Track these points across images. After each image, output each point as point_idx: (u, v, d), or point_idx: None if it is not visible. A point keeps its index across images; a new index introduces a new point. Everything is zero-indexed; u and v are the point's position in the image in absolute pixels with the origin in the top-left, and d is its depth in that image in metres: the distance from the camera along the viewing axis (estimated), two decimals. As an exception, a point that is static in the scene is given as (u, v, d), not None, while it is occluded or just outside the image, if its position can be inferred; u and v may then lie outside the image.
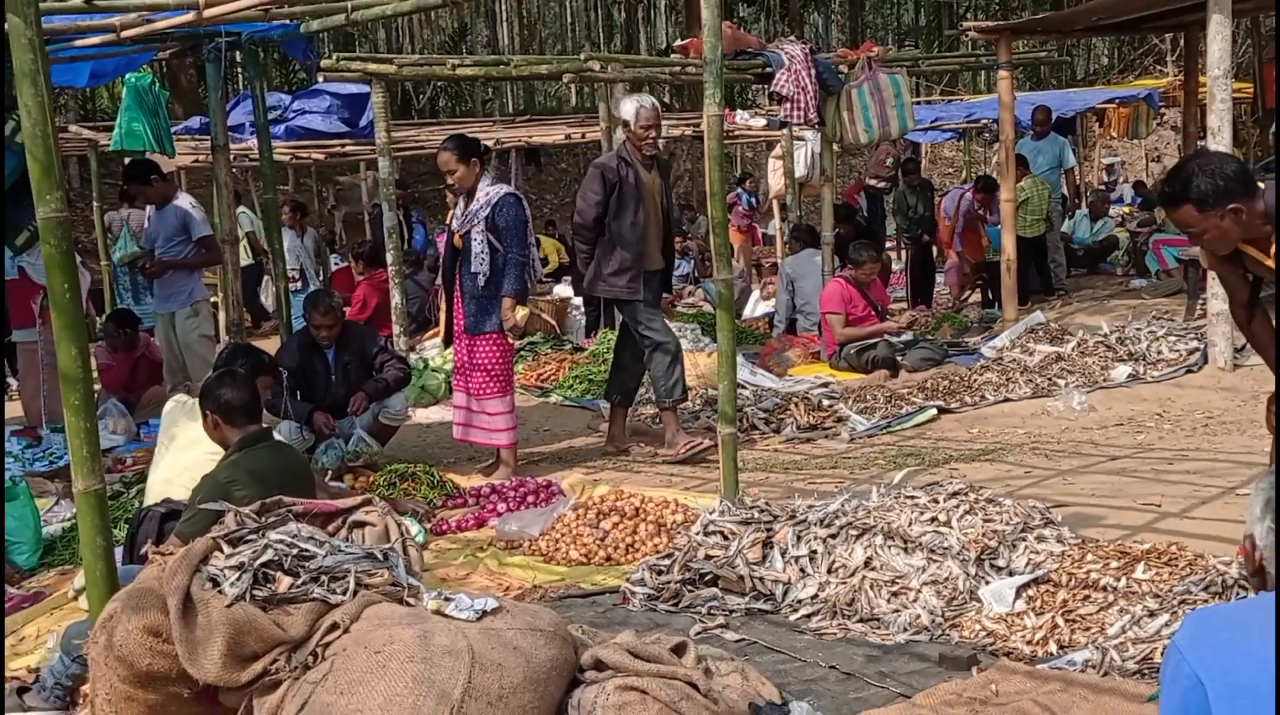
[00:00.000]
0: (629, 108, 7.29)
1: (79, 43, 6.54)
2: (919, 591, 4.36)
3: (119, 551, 4.50)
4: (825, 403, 8.12)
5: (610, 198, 7.13)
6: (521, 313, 6.81)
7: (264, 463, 4.66)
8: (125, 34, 6.23)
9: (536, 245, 7.94)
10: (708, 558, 4.80)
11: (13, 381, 9.78)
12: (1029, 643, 3.98)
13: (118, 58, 7.46)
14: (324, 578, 3.50)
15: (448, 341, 7.63)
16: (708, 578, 4.71)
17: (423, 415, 8.83)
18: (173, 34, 6.71)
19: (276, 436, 5.52)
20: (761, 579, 4.62)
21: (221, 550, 3.49)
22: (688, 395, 7.59)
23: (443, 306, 7.36)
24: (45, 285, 3.80)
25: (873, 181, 15.71)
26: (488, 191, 6.75)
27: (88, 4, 5.80)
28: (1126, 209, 18.58)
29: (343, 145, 15.20)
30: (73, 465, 3.82)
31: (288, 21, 7.01)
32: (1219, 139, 8.36)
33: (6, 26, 3.82)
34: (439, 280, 8.45)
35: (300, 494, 4.23)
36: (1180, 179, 4.03)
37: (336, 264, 16.02)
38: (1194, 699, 2.00)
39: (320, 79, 11.69)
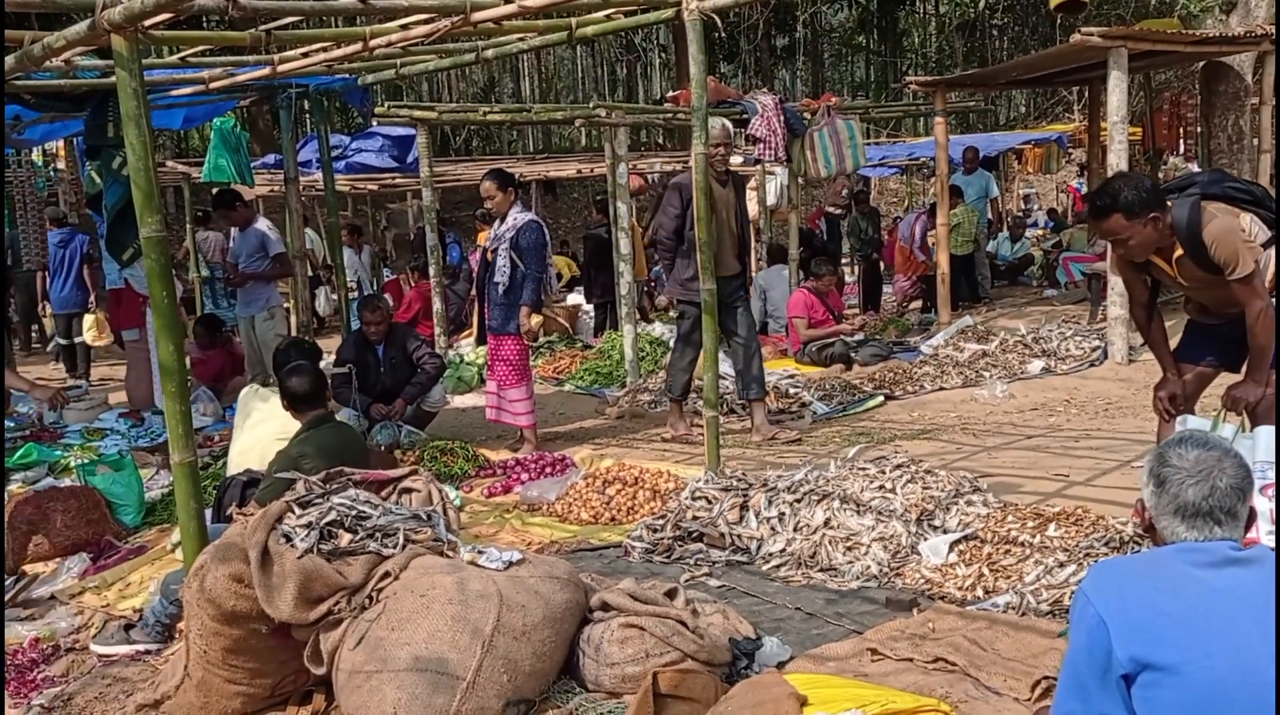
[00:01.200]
0: None
1: (174, 92, 6.51)
2: (869, 546, 4.36)
3: (208, 512, 4.51)
4: (791, 391, 8.10)
5: (687, 211, 6.63)
6: (536, 319, 6.80)
7: (328, 440, 4.66)
8: (213, 85, 6.21)
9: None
10: (695, 518, 4.81)
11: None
12: (960, 589, 3.99)
13: (206, 105, 7.42)
14: (378, 534, 3.50)
15: (480, 340, 7.63)
16: (695, 535, 4.72)
17: (459, 401, 8.82)
18: (252, 85, 6.69)
19: (339, 418, 5.51)
20: (739, 536, 4.62)
21: (293, 511, 3.49)
22: (685, 395, 7.24)
23: (475, 311, 7.34)
24: (147, 294, 3.79)
25: (831, 209, 15.71)
26: (515, 217, 6.74)
27: (182, 60, 5.78)
28: (1040, 232, 18.57)
29: (393, 178, 15.15)
30: (170, 441, 3.82)
31: (348, 75, 6.99)
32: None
33: (115, 78, 3.82)
34: (474, 290, 8.45)
35: (358, 466, 4.23)
36: (1109, 193, 4.02)
37: (387, 276, 16.00)
38: (1098, 635, 2.01)
39: (374, 123, 11.68)
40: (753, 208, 15.40)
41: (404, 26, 5.01)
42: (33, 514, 5.31)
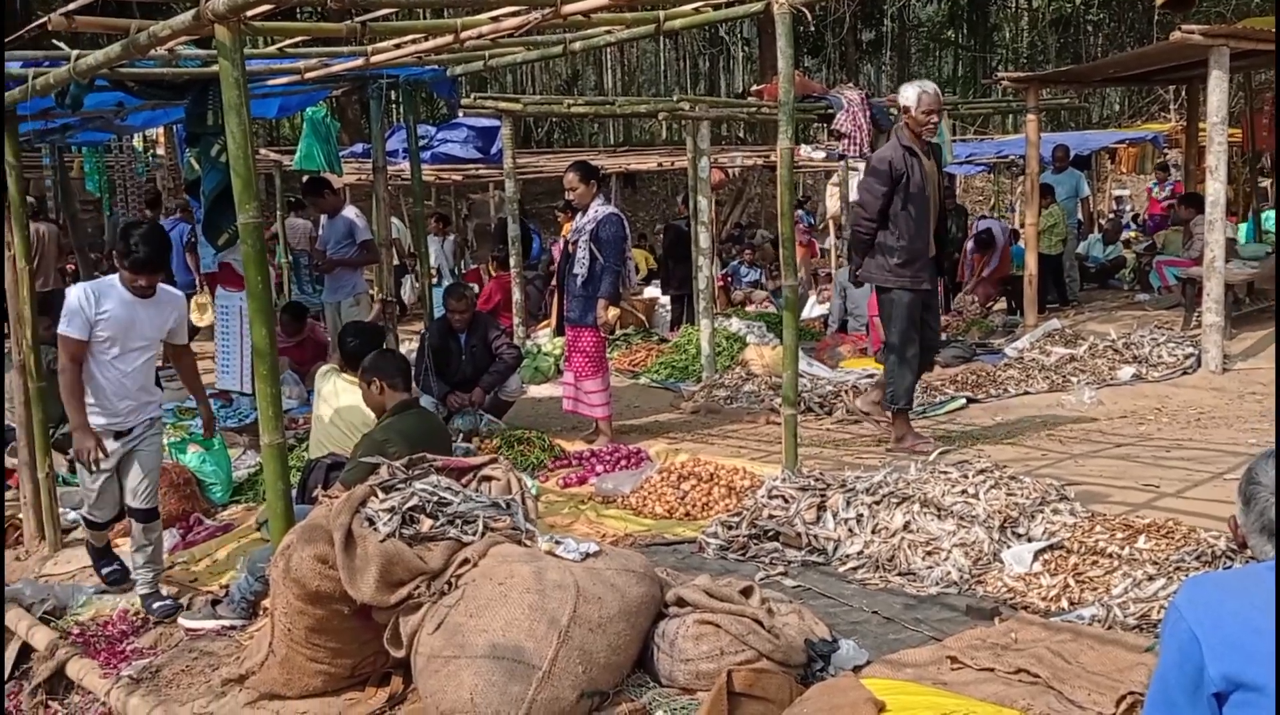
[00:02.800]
0: (910, 93, 6.15)
1: (271, 82, 6.65)
2: (949, 552, 4.29)
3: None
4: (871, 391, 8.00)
5: (894, 189, 6.05)
6: (613, 312, 6.82)
7: (412, 426, 4.72)
8: (308, 75, 6.33)
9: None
10: (771, 517, 4.78)
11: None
12: (1044, 599, 3.91)
13: (301, 94, 7.57)
14: (458, 521, 3.55)
15: (558, 331, 7.68)
16: (770, 533, 4.69)
17: (536, 391, 8.89)
18: (345, 76, 6.80)
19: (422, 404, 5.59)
20: (816, 536, 4.58)
21: (377, 496, 3.55)
22: (912, 403, 6.48)
23: (555, 302, 7.38)
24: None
25: (914, 206, 15.46)
26: (597, 209, 6.77)
27: (280, 51, 5.91)
28: (1133, 234, 18.07)
29: (476, 168, 15.32)
30: (260, 422, 3.91)
31: (437, 66, 7.07)
32: (1216, 176, 8.11)
33: (216, 68, 3.91)
34: (553, 281, 8.50)
35: (440, 452, 4.29)
36: None
37: (468, 266, 16.19)
38: (1190, 651, 1.95)
39: (460, 114, 11.79)
40: (834, 204, 15.28)
41: (494, 19, 5.05)
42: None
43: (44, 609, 4.79)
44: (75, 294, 4.60)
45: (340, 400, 5.67)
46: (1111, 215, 20.61)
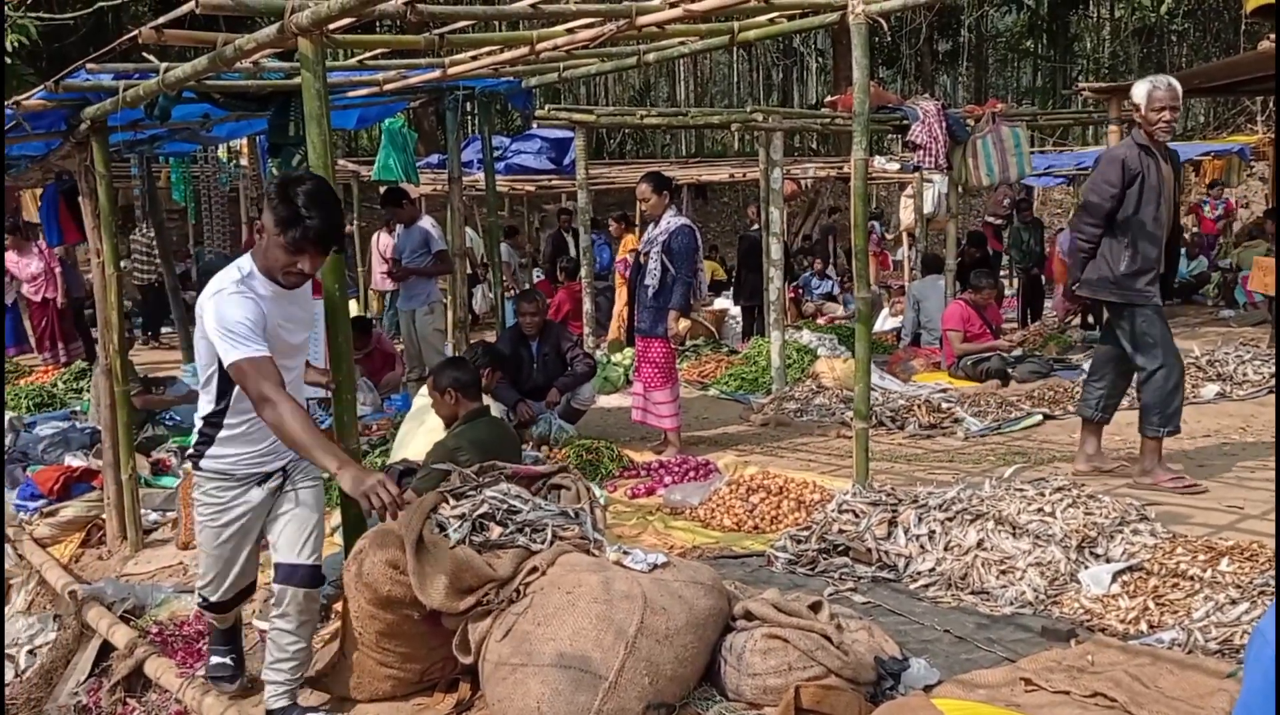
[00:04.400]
0: (1140, 90, 5.59)
1: (350, 94, 6.78)
2: (1025, 571, 4.20)
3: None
4: (944, 406, 7.89)
5: (1128, 191, 5.50)
6: (684, 324, 6.81)
7: (483, 433, 4.77)
8: (387, 87, 6.44)
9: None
10: (841, 532, 4.72)
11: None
12: (1122, 621, 3.80)
13: (379, 106, 7.70)
14: (527, 529, 3.56)
15: (629, 341, 7.69)
16: (840, 548, 4.63)
17: (605, 401, 8.90)
18: (422, 87, 6.91)
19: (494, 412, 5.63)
20: (887, 552, 4.52)
21: (448, 502, 3.57)
22: (1180, 428, 5.77)
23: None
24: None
25: (991, 219, 15.23)
26: (669, 220, 6.78)
27: (360, 63, 6.02)
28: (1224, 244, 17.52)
29: (549, 179, 15.45)
30: (335, 429, 3.97)
31: (511, 78, 7.15)
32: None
33: (298, 80, 3.99)
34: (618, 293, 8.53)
35: (511, 460, 4.31)
36: None
37: (537, 276, 16.32)
38: (1276, 679, 1.88)
39: (534, 125, 11.92)
40: (908, 216, 15.11)
41: (570, 30, 5.09)
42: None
43: (124, 607, 4.90)
44: (231, 297, 3.28)
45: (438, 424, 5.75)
46: (1196, 230, 20.06)
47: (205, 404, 3.52)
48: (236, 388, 3.34)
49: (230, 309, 3.26)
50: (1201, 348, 9.01)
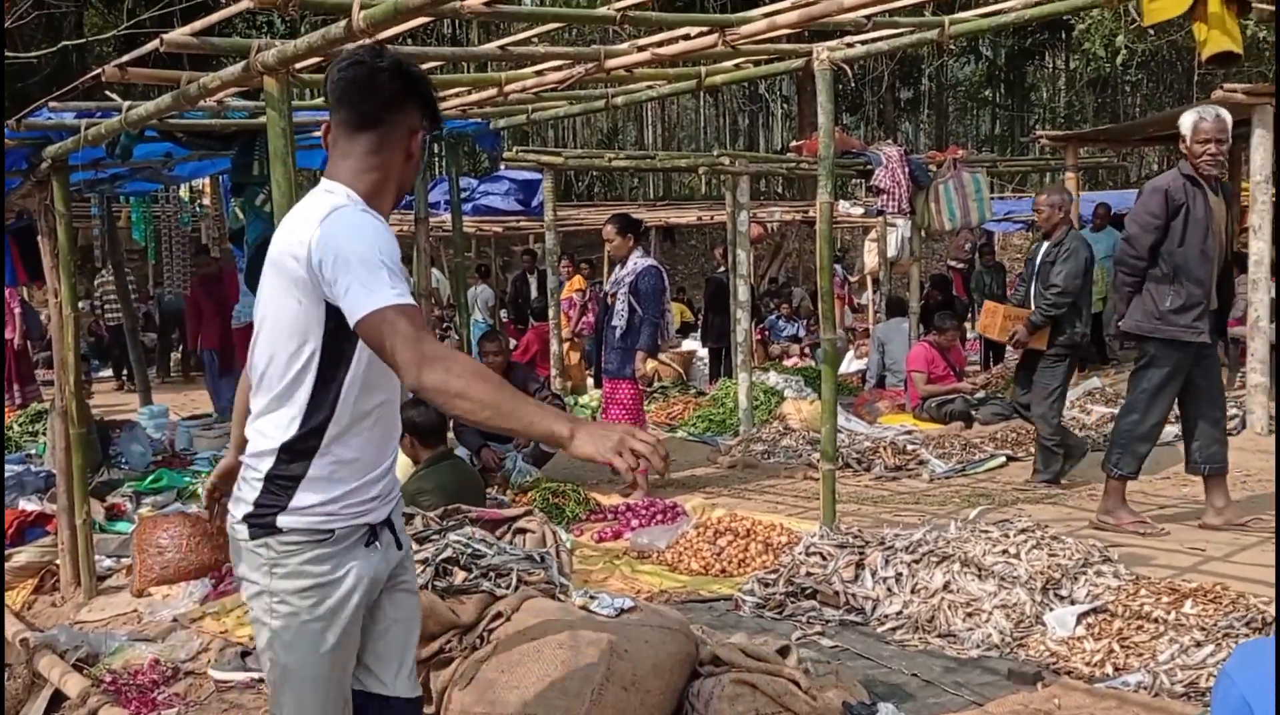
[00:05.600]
0: (1187, 121, 5.43)
1: (316, 133, 6.74)
2: (991, 613, 4.18)
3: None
4: (909, 447, 7.91)
5: (1172, 223, 5.33)
6: (651, 365, 6.81)
7: (446, 477, 4.71)
8: (353, 127, 6.42)
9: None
10: (808, 574, 4.69)
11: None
12: (1088, 664, 3.79)
13: (345, 146, 7.70)
14: (492, 574, 3.51)
15: (597, 382, 7.67)
16: (808, 591, 4.60)
17: (572, 443, 8.83)
18: (389, 128, 6.90)
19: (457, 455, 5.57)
20: (854, 595, 4.49)
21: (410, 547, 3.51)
22: (1137, 475, 5.71)
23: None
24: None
25: (953, 263, 15.45)
26: (636, 262, 6.80)
27: (326, 102, 5.99)
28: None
29: (517, 221, 15.47)
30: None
31: (480, 120, 7.16)
32: (1260, 235, 8.02)
33: (262, 119, 3.97)
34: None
35: (475, 503, 4.26)
36: None
37: (504, 317, 16.29)
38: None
39: (502, 166, 11.95)
40: (872, 259, 15.25)
41: (538, 73, 5.11)
42: (160, 537, 5.48)
43: (77, 656, 4.77)
44: (363, 215, 2.18)
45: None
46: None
47: (287, 420, 2.21)
48: (348, 382, 2.20)
49: (369, 232, 2.12)
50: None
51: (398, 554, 2.41)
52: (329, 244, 2.09)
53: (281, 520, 2.21)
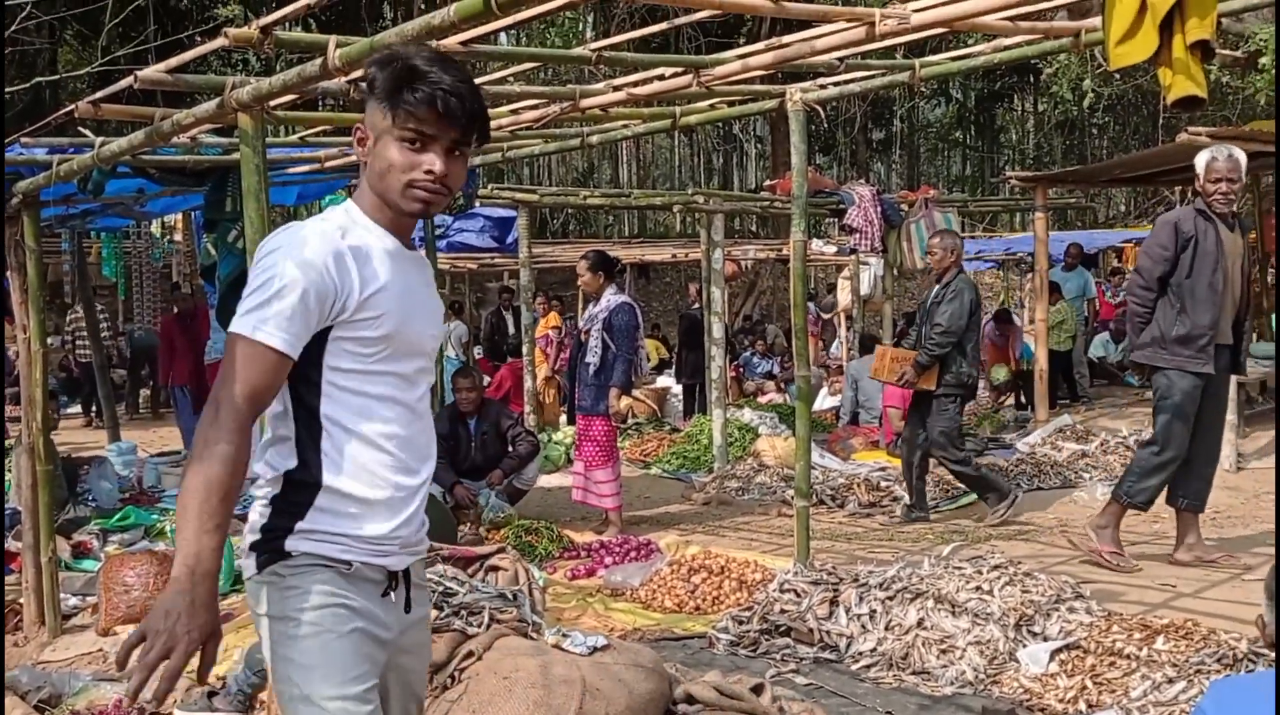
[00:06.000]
0: (1201, 160, 5.52)
1: (290, 170, 6.75)
2: (964, 650, 4.18)
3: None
4: (883, 484, 7.93)
5: (1181, 254, 5.44)
6: (625, 402, 6.81)
7: (418, 513, 4.66)
8: (328, 164, 6.43)
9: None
10: (783, 611, 4.68)
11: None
12: (1061, 701, 3.79)
13: (320, 183, 7.68)
14: (463, 612, 3.48)
15: (570, 419, 7.66)
16: (782, 629, 4.58)
17: (545, 480, 8.80)
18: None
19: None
20: (828, 632, 4.48)
21: (381, 584, 3.47)
22: (1148, 507, 5.70)
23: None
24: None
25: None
26: (609, 298, 6.81)
27: (301, 140, 6.01)
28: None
29: (492, 258, 15.48)
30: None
31: (454, 157, 7.18)
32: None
33: (235, 155, 3.96)
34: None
35: (445, 541, 4.23)
36: None
37: (478, 354, 16.25)
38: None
39: (477, 204, 11.95)
40: (845, 297, 15.36)
41: (514, 111, 5.14)
42: (126, 576, 5.40)
43: (39, 697, 4.67)
44: (308, 231, 1.99)
45: None
46: (1123, 313, 20.62)
47: (286, 450, 2.04)
48: (324, 411, 2.03)
49: (291, 246, 1.95)
50: (1129, 427, 9.20)
51: (404, 617, 2.13)
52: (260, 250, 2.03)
53: (290, 543, 2.00)
